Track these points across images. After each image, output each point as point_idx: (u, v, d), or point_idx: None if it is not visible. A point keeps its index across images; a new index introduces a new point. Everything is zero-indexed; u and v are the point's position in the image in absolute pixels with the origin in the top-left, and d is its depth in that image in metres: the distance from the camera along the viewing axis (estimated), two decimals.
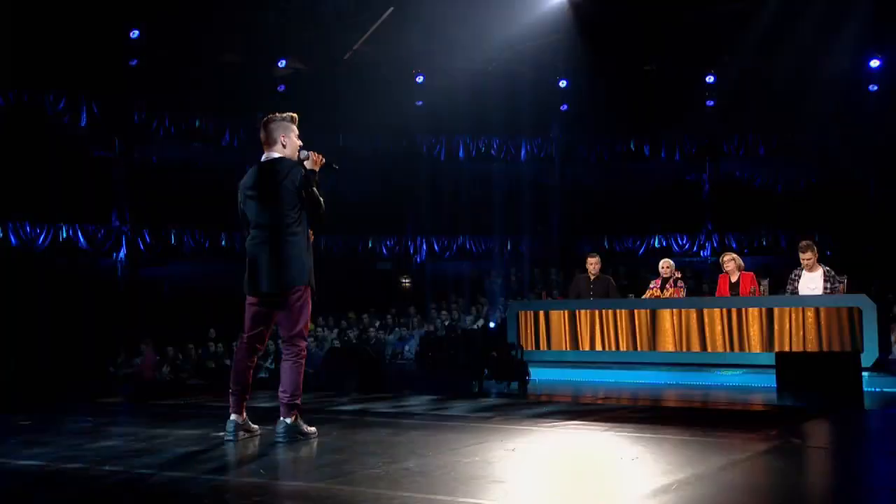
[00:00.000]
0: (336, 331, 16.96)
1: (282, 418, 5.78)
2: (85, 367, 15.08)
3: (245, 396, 5.96)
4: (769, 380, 10.34)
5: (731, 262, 11.67)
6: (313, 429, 5.92)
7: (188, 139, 19.58)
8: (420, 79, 20.86)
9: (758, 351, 10.80)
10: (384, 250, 21.54)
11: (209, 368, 14.58)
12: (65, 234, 17.76)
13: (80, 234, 18.03)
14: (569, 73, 21.09)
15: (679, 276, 12.33)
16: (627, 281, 19.87)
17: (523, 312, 12.40)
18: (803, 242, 11.19)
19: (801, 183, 21.94)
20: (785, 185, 22.07)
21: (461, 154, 21.91)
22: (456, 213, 21.67)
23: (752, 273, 11.77)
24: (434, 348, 15.56)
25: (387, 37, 20.24)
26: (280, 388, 5.79)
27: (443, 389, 9.96)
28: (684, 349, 11.23)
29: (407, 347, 16.10)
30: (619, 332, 11.65)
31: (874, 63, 20.16)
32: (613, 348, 11.68)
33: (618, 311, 11.72)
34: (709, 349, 11.09)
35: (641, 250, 22.12)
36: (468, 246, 22.01)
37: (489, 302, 18.79)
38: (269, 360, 14.44)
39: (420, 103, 21.08)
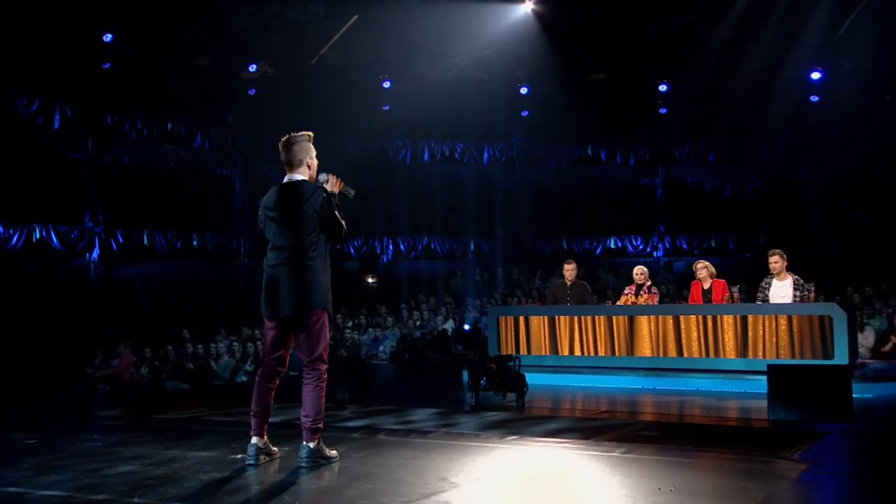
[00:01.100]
0: None
1: (305, 443, 5.48)
2: (62, 368, 14.47)
3: (266, 419, 5.63)
4: (744, 385, 10.31)
5: (703, 270, 11.53)
6: (335, 452, 5.63)
7: (160, 141, 18.98)
8: (387, 84, 20.51)
9: (732, 357, 10.68)
10: (352, 250, 21.17)
11: (188, 370, 14.05)
12: (38, 235, 17.07)
13: (53, 234, 17.36)
14: (530, 80, 20.90)
15: (651, 282, 12.17)
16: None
17: (504, 318, 12.16)
18: (773, 249, 11.11)
19: (748, 188, 22.08)
20: (733, 190, 22.19)
21: (426, 157, 21.63)
22: (421, 214, 21.39)
23: (724, 280, 11.64)
24: (410, 350, 15.31)
25: (354, 43, 19.89)
26: (303, 412, 5.49)
27: (439, 399, 9.71)
28: (661, 354, 11.07)
29: (381, 348, 15.74)
30: (598, 337, 11.45)
31: (815, 75, 20.27)
32: (592, 353, 11.47)
33: (596, 317, 11.53)
34: (685, 355, 10.94)
35: (598, 251, 22.07)
36: (433, 246, 21.74)
37: (456, 302, 18.52)
38: (249, 363, 13.97)
39: (387, 108, 20.73)
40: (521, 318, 11.99)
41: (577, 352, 11.57)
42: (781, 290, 10.89)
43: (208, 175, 20.01)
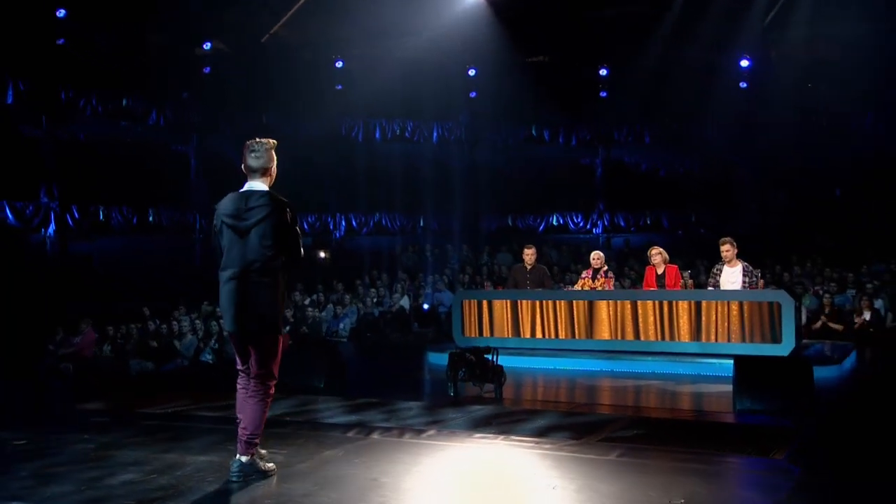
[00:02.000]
0: None
1: (238, 456, 5.12)
2: (22, 346, 13.83)
3: None
4: (697, 368, 10.36)
5: (658, 256, 11.49)
6: (272, 465, 5.26)
7: (115, 118, 18.22)
8: (339, 64, 20.06)
9: (686, 341, 10.71)
10: (305, 226, 20.71)
11: (152, 349, 13.55)
12: None
13: (8, 210, 16.58)
14: (478, 62, 20.64)
15: (607, 267, 12.10)
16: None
17: (467, 301, 12.00)
18: (724, 238, 11.13)
19: (680, 169, 22.22)
20: (666, 171, 22.31)
21: (378, 136, 21.24)
22: (373, 191, 21.02)
23: (675, 266, 11.66)
24: (371, 329, 15.06)
25: (306, 22, 19.35)
26: (241, 424, 5.12)
27: (412, 385, 9.53)
28: (619, 337, 11.04)
29: (342, 325, 15.42)
30: (559, 321, 11.36)
31: (744, 63, 20.47)
32: (553, 336, 11.39)
33: (557, 301, 11.44)
34: (642, 338, 10.93)
35: (541, 227, 22.06)
36: (384, 222, 21.44)
37: (410, 277, 18.26)
38: (213, 341, 13.53)
39: (340, 87, 20.26)
40: (485, 302, 11.85)
41: (539, 335, 11.48)
42: (732, 276, 10.94)
43: (164, 152, 19.31)
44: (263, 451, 5.38)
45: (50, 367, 13.24)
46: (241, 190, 5.14)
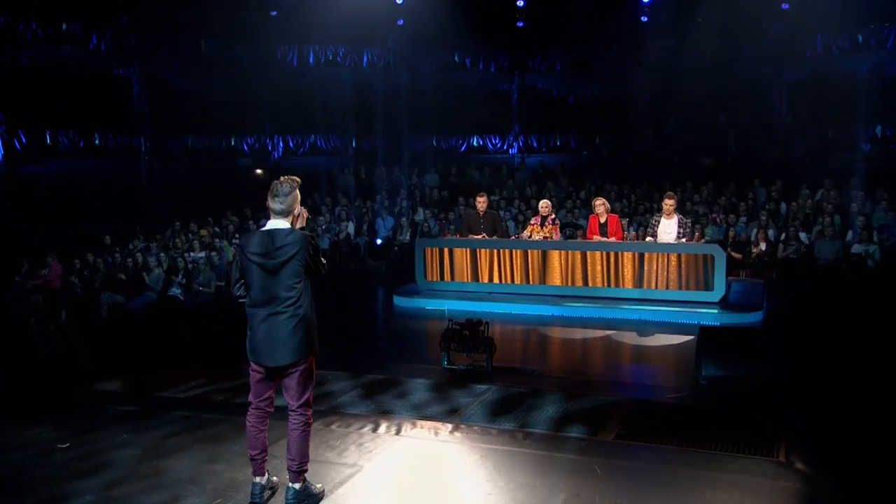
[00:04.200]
0: (225, 242, 14.89)
1: (290, 484, 4.85)
2: None
3: (265, 458, 4.93)
4: (639, 314, 10.38)
5: (601, 206, 11.34)
6: (320, 485, 5.02)
7: (56, 42, 16.47)
8: None
9: (630, 288, 10.72)
10: (245, 147, 19.53)
11: (120, 281, 12.61)
12: None
13: None
14: None
15: (554, 215, 11.87)
16: (457, 179, 19.31)
17: (430, 249, 11.61)
18: (669, 192, 11.04)
19: (588, 95, 21.91)
20: (575, 97, 21.96)
21: (311, 60, 19.98)
22: (307, 113, 19.93)
23: (617, 215, 11.56)
24: (329, 261, 14.41)
25: None
26: (288, 456, 4.83)
27: (402, 351, 9.19)
28: (569, 284, 10.95)
29: None
30: (515, 267, 11.15)
31: None
32: (509, 282, 11.20)
33: (514, 250, 11.18)
34: (590, 284, 10.87)
35: (463, 147, 21.59)
36: (319, 143, 20.46)
37: (349, 201, 17.55)
38: (180, 276, 12.65)
39: (275, 13, 18.82)
40: (446, 250, 11.51)
41: (497, 280, 11.27)
42: (668, 227, 10.92)
43: (106, 76, 17.62)
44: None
45: (19, 296, 12.22)
46: (265, 228, 4.70)
